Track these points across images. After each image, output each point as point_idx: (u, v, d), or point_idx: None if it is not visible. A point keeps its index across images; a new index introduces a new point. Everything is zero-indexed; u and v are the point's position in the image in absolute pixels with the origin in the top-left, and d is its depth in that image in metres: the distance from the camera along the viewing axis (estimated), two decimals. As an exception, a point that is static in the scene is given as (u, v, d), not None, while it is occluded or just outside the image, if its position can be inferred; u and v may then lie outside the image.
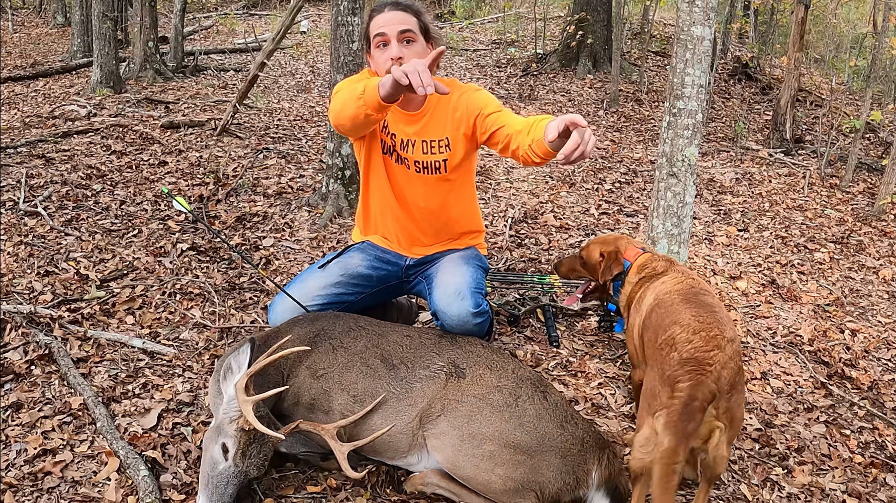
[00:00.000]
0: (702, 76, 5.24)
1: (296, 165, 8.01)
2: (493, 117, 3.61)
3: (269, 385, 3.34)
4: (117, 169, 7.41)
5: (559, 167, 8.94)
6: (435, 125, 3.78)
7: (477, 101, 3.71)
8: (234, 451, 3.13)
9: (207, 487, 3.11)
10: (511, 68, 14.48)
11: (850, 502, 3.70)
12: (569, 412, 3.39)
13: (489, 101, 3.70)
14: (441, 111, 3.77)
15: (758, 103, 13.00)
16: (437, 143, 3.79)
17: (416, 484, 3.44)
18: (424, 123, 3.77)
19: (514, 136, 3.41)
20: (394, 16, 3.54)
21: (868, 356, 5.24)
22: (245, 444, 3.13)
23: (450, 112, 3.76)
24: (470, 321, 3.66)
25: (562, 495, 3.26)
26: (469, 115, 3.72)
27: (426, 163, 3.84)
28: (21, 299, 4.80)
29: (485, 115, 3.65)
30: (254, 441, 3.15)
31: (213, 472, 3.13)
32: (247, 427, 3.13)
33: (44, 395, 3.94)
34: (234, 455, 3.12)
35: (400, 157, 3.86)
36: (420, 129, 3.78)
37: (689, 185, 5.35)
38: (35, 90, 11.08)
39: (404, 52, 3.53)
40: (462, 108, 3.74)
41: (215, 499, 3.09)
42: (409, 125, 3.78)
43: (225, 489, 3.10)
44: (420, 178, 3.89)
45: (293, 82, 12.54)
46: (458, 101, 3.76)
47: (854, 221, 8.01)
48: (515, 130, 3.42)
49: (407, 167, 3.87)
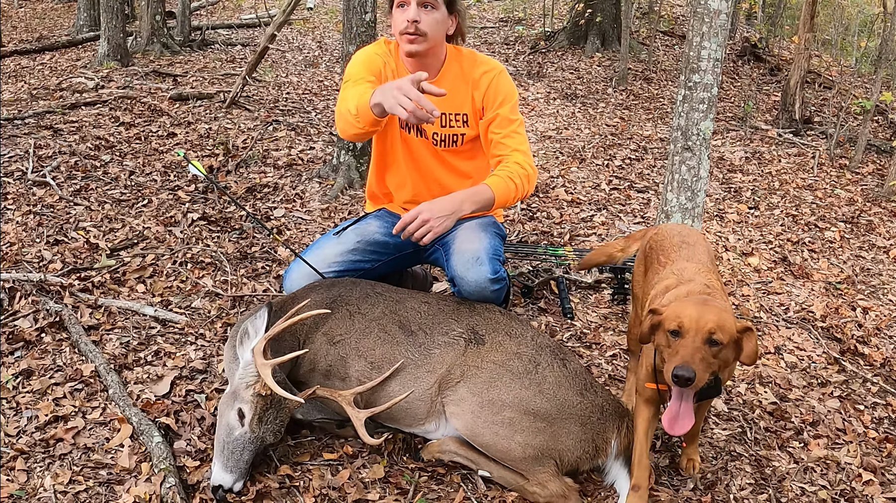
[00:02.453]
0: (718, 50, 5.19)
1: (305, 137, 7.97)
2: (493, 137, 3.76)
3: (285, 351, 3.31)
4: (126, 140, 7.38)
5: (569, 142, 8.92)
6: (453, 97, 3.73)
7: (493, 101, 3.73)
8: (250, 417, 3.11)
9: (223, 453, 3.09)
10: (519, 46, 14.41)
11: (866, 476, 3.67)
12: (588, 380, 3.37)
13: (503, 117, 3.73)
14: (460, 83, 3.72)
15: (766, 84, 12.93)
16: (456, 116, 3.75)
17: (433, 451, 3.42)
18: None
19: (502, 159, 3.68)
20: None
21: (880, 333, 5.22)
22: (262, 410, 3.12)
23: (469, 87, 3.72)
24: (488, 287, 3.63)
25: (581, 463, 3.25)
26: (484, 109, 3.75)
27: (444, 136, 3.81)
28: (31, 268, 4.78)
29: (492, 130, 3.76)
30: (270, 406, 3.14)
31: (229, 439, 3.10)
32: (264, 392, 3.11)
33: (54, 363, 3.92)
34: (251, 420, 3.10)
35: (420, 130, 3.83)
36: (437, 100, 3.73)
37: (703, 159, 5.32)
38: (41, 63, 11.02)
39: (422, 16, 3.48)
40: (481, 92, 3.72)
41: (231, 464, 3.07)
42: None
43: (241, 455, 3.08)
44: (438, 151, 3.87)
45: (300, 57, 12.47)
46: (480, 79, 3.73)
47: (864, 202, 7.97)
48: (498, 158, 3.71)
49: (426, 139, 3.84)
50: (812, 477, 3.64)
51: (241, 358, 3.24)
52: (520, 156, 3.66)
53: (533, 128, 9.48)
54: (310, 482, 3.27)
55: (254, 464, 3.17)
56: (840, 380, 4.54)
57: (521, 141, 3.73)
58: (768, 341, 4.85)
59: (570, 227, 6.34)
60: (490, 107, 3.72)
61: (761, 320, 5.12)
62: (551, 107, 10.62)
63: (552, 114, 10.25)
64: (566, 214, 6.65)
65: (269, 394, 3.11)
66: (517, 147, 3.69)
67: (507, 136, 3.70)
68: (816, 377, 4.55)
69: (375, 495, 3.23)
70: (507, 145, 3.70)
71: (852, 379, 4.60)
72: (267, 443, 3.16)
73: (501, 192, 3.54)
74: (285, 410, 3.20)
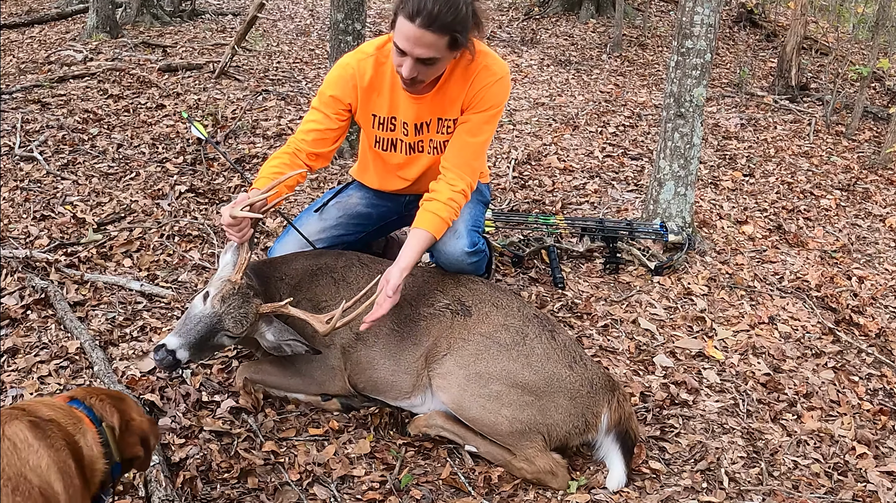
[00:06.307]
0: (711, 15, 5.12)
1: (295, 107, 7.88)
2: (454, 138, 3.61)
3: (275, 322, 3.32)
4: (114, 112, 7.29)
5: (562, 109, 8.83)
6: (452, 103, 3.57)
7: (478, 105, 3.56)
8: (213, 294, 3.14)
9: (180, 325, 3.16)
10: (513, 12, 14.28)
11: (860, 449, 3.64)
12: (578, 352, 3.32)
13: (474, 123, 3.57)
14: (460, 86, 3.53)
15: (762, 50, 12.81)
16: (453, 122, 3.60)
17: (420, 426, 3.39)
18: (440, 100, 3.57)
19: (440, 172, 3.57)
20: (421, 36, 3.14)
21: (875, 303, 5.17)
22: (227, 293, 3.14)
23: (465, 90, 3.53)
24: (464, 260, 3.59)
25: (570, 438, 3.21)
26: (466, 108, 3.58)
27: (438, 143, 3.69)
28: (17, 244, 4.72)
29: (457, 131, 3.61)
30: (236, 293, 3.15)
31: (189, 314, 3.16)
32: (234, 279, 3.16)
33: (40, 340, 3.89)
34: (213, 297, 3.13)
35: (393, 143, 3.76)
36: (434, 106, 3.59)
37: (696, 126, 5.26)
38: (31, 37, 10.87)
39: (419, 69, 3.27)
40: (473, 91, 3.53)
41: (181, 331, 3.11)
42: (422, 105, 3.58)
43: (194, 326, 3.11)
44: (429, 157, 3.76)
45: (292, 26, 12.33)
46: (474, 80, 3.52)
47: (860, 169, 7.89)
48: (441, 166, 3.57)
49: (408, 149, 3.75)
50: (805, 450, 3.61)
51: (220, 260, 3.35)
52: (457, 181, 3.50)
53: (526, 95, 9.38)
54: (295, 458, 3.25)
55: (207, 347, 3.19)
56: (835, 351, 4.50)
57: (473, 156, 3.58)
58: (762, 311, 4.80)
59: (562, 196, 6.28)
60: (471, 108, 3.55)
61: (755, 289, 5.07)
62: (545, 73, 10.51)
63: (546, 80, 10.15)
64: (558, 182, 6.58)
65: (238, 281, 3.16)
66: (463, 163, 3.54)
67: (463, 146, 3.56)
68: (811, 348, 4.51)
69: (361, 471, 3.21)
70: (454, 159, 3.56)
71: (847, 349, 4.56)
72: (225, 327, 3.14)
73: (438, 230, 3.44)
74: (251, 305, 3.18)
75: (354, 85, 3.55)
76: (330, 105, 3.58)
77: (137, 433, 2.47)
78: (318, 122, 3.59)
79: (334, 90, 3.57)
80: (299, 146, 3.57)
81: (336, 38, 6.22)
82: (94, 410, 2.38)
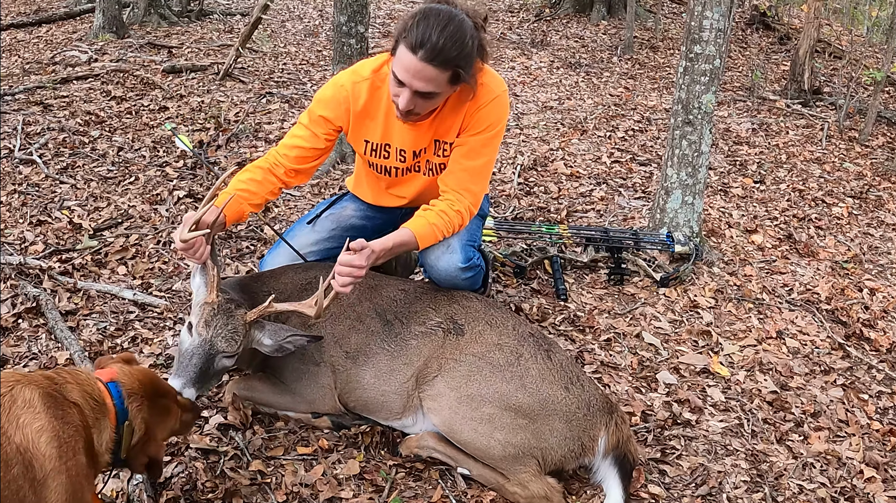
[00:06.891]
0: (721, 20, 5.01)
1: (299, 110, 7.79)
2: (450, 163, 3.50)
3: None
4: (116, 115, 7.24)
5: (570, 113, 8.73)
6: (450, 125, 3.47)
7: (475, 127, 3.43)
8: (196, 322, 3.06)
9: (176, 365, 3.09)
10: (524, 13, 14.19)
11: (868, 472, 3.52)
12: (575, 373, 3.22)
13: (470, 148, 3.44)
14: (457, 109, 3.43)
15: (775, 53, 12.67)
16: (449, 145, 3.50)
17: (411, 446, 3.30)
18: (437, 125, 3.47)
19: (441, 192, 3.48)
20: (422, 69, 3.05)
21: (887, 316, 5.04)
22: (209, 315, 3.05)
23: (462, 116, 3.42)
24: (458, 276, 3.50)
25: (566, 462, 3.12)
26: (462, 131, 3.46)
27: (435, 164, 3.60)
28: (12, 250, 4.66)
29: (454, 155, 3.49)
30: (218, 312, 3.06)
31: (181, 350, 3.08)
32: (210, 299, 3.08)
33: (30, 350, 3.83)
34: (197, 325, 3.05)
35: (386, 168, 3.66)
36: (433, 130, 3.49)
37: (705, 134, 5.15)
38: (38, 37, 10.85)
39: (417, 102, 3.17)
40: (467, 122, 3.43)
41: (180, 370, 3.02)
42: (419, 132, 3.48)
43: (189, 360, 3.02)
44: (424, 178, 3.67)
45: (301, 26, 12.28)
46: (472, 112, 3.41)
47: (873, 176, 7.75)
48: (440, 189, 3.49)
49: (403, 172, 3.66)
50: (811, 473, 3.50)
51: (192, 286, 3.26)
52: (456, 203, 3.42)
53: (535, 98, 9.28)
54: (282, 478, 3.16)
55: (210, 376, 3.09)
56: (844, 367, 4.38)
57: (471, 180, 3.47)
58: (770, 325, 4.69)
59: (567, 203, 6.17)
60: (467, 130, 3.44)
61: (764, 302, 4.96)
62: (554, 76, 10.41)
63: (555, 83, 10.04)
64: (564, 189, 6.47)
65: (216, 300, 3.08)
66: (461, 188, 3.45)
67: (461, 171, 3.45)
68: (819, 364, 4.39)
69: (349, 493, 3.12)
70: (451, 184, 3.47)
71: (857, 365, 4.44)
72: (219, 349, 3.05)
73: (423, 235, 3.34)
74: (237, 318, 3.09)
75: (347, 108, 3.46)
76: (319, 125, 3.48)
77: (150, 455, 2.50)
78: (304, 140, 3.50)
79: (325, 111, 3.47)
80: (279, 160, 3.48)
81: (339, 41, 6.14)
82: (128, 411, 2.42)
